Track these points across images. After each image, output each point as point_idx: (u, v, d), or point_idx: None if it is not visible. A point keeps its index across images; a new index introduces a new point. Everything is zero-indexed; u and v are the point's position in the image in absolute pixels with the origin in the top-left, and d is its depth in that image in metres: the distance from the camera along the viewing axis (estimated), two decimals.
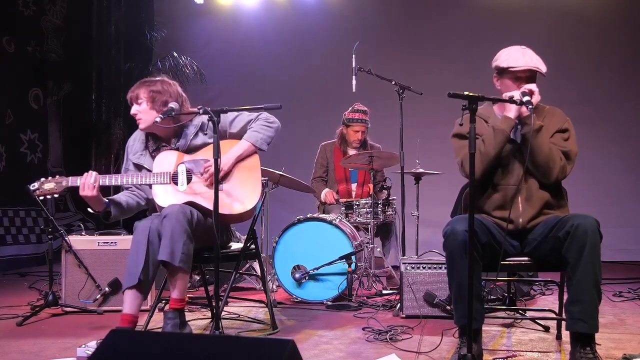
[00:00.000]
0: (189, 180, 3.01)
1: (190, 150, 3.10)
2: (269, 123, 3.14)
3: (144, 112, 3.06)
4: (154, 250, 2.78)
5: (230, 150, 3.06)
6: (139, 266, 2.74)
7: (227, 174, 3.05)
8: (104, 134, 7.60)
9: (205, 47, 7.70)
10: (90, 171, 2.94)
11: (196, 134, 3.11)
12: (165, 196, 2.96)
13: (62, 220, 6.94)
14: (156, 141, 3.16)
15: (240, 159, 3.08)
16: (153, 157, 3.08)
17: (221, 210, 2.79)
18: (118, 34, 7.79)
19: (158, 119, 2.85)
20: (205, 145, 3.09)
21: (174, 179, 3.00)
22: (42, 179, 2.95)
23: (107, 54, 7.74)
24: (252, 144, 3.08)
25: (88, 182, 2.89)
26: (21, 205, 6.42)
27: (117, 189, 3.33)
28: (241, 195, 3.03)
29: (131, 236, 3.84)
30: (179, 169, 3.02)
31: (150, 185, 3.02)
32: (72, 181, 2.92)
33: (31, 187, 2.94)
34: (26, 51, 6.71)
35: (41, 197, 2.94)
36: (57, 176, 2.97)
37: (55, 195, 2.94)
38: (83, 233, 4.07)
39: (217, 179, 2.68)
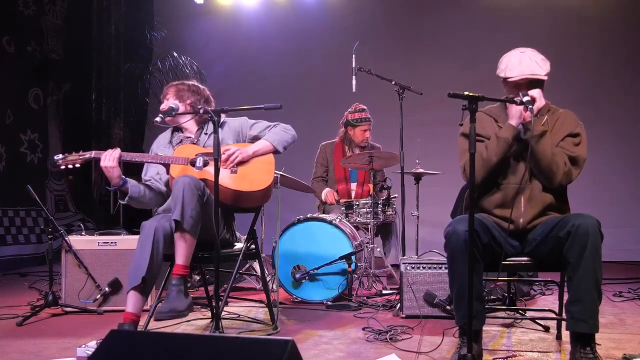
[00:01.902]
0: (205, 165, 3.11)
1: (209, 146, 3.20)
2: (287, 130, 3.32)
3: None
4: (158, 250, 2.82)
5: (250, 145, 3.22)
6: (142, 266, 2.77)
7: (243, 162, 3.17)
8: (104, 134, 7.60)
9: (205, 47, 7.69)
10: (116, 147, 3.10)
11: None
12: (181, 171, 3.04)
13: (62, 220, 6.95)
14: (180, 136, 3.31)
15: (258, 155, 3.21)
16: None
17: (234, 187, 2.99)
18: (118, 34, 7.79)
19: (158, 119, 2.99)
20: (222, 142, 3.16)
21: (192, 163, 3.10)
22: (66, 154, 3.09)
23: (107, 54, 7.74)
24: (271, 143, 3.24)
25: (110, 154, 3.01)
26: (21, 205, 6.42)
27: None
28: (255, 176, 3.15)
29: (131, 236, 3.88)
30: (197, 157, 3.12)
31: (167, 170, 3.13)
32: (95, 154, 3.05)
33: (55, 158, 3.09)
34: (26, 51, 6.71)
35: (63, 167, 3.06)
36: (81, 151, 3.10)
37: (77, 165, 3.07)
38: (83, 233, 4.07)
39: (217, 179, 2.69)
